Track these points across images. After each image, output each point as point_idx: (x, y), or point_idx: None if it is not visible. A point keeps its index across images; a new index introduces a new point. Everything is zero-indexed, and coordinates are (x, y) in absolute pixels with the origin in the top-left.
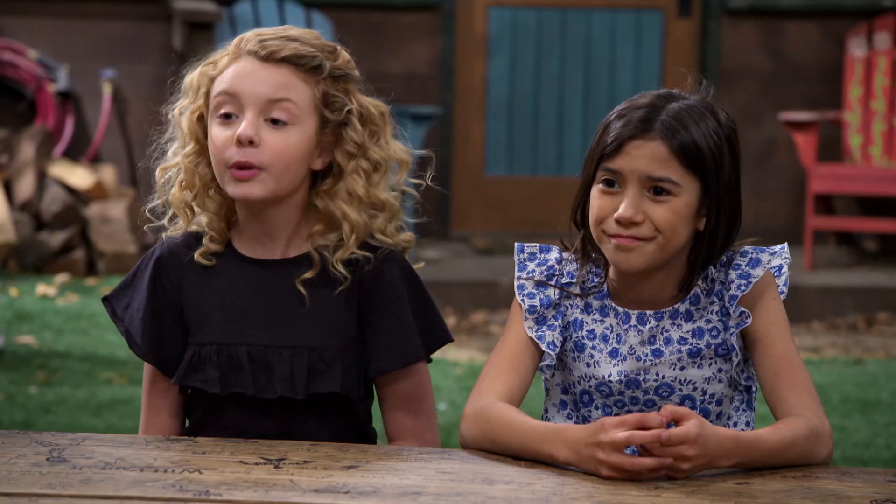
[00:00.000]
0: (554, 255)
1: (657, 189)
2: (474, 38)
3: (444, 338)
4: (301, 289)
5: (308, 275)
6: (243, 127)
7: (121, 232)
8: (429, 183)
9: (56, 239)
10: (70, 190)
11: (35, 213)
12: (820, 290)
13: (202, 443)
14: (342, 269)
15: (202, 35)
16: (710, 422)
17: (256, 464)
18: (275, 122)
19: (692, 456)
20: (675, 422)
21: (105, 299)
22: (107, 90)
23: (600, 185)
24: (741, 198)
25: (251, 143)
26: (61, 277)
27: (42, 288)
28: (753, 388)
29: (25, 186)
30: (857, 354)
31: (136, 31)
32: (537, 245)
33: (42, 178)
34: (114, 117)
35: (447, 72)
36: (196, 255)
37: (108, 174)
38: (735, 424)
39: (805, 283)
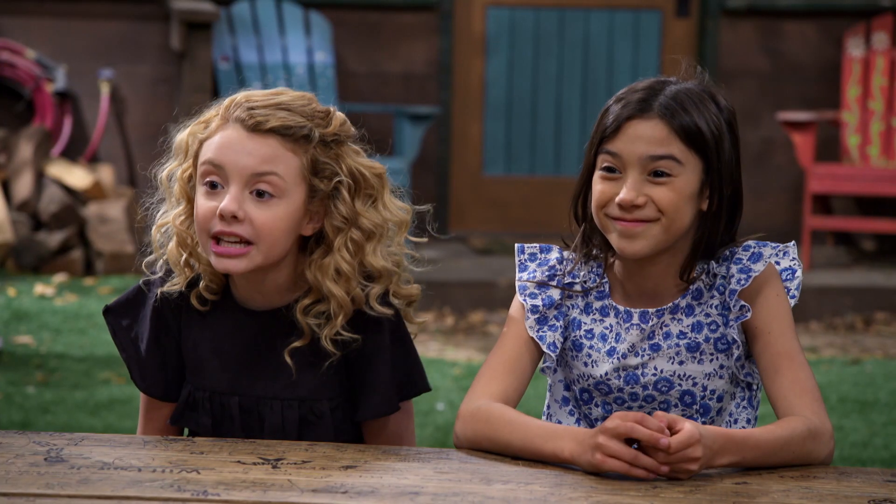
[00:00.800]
0: (555, 254)
1: (657, 172)
2: (472, 37)
3: (421, 388)
4: (288, 360)
5: (297, 344)
6: (227, 202)
7: (119, 232)
8: (410, 238)
9: (54, 239)
10: (68, 190)
11: (33, 212)
12: (818, 289)
13: (200, 443)
14: (330, 347)
15: (200, 35)
16: (711, 418)
17: (254, 464)
18: (260, 194)
19: (699, 457)
20: (669, 428)
21: (106, 311)
22: (105, 90)
23: (601, 172)
24: (742, 182)
25: (235, 217)
26: (59, 277)
27: (40, 288)
28: (755, 386)
29: (23, 186)
30: (855, 354)
31: (134, 31)
32: (538, 245)
33: (40, 177)
34: (112, 117)
35: (445, 72)
36: (191, 297)
37: (106, 174)
38: (736, 422)
39: (803, 283)
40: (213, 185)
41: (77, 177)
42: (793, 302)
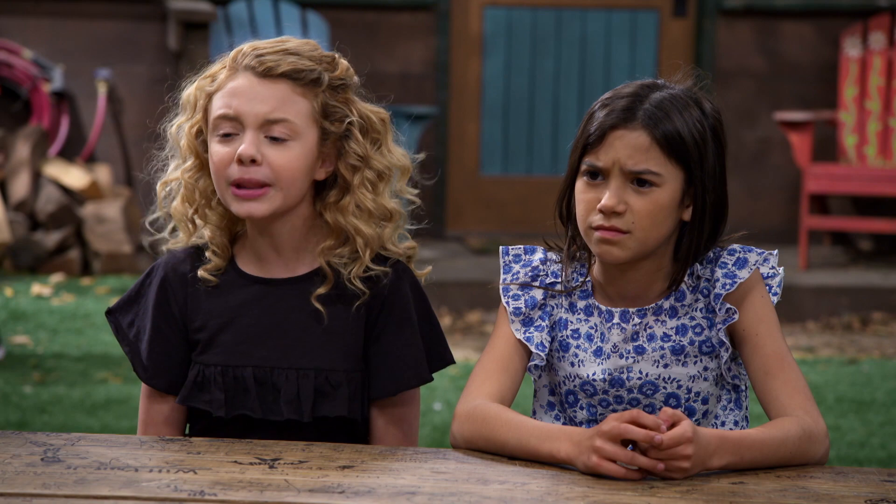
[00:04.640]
0: (538, 255)
1: (640, 181)
2: (469, 37)
3: (447, 359)
4: (318, 305)
5: (322, 290)
6: (245, 146)
7: (116, 232)
8: (424, 183)
9: (51, 239)
10: (65, 190)
11: (30, 212)
12: (815, 289)
13: (197, 443)
14: (360, 285)
15: (197, 35)
16: (696, 420)
17: (251, 464)
18: (274, 138)
19: (691, 455)
20: (671, 425)
21: (109, 313)
22: (102, 90)
23: (585, 178)
24: (727, 189)
25: (253, 161)
26: (56, 277)
27: (37, 288)
28: (742, 387)
29: (20, 186)
30: (852, 354)
31: (131, 31)
32: (522, 247)
33: (37, 178)
34: (109, 117)
35: (442, 71)
36: (200, 272)
37: (103, 174)
38: (723, 424)
39: (800, 282)
40: (226, 135)
41: (74, 177)
42: (775, 300)
